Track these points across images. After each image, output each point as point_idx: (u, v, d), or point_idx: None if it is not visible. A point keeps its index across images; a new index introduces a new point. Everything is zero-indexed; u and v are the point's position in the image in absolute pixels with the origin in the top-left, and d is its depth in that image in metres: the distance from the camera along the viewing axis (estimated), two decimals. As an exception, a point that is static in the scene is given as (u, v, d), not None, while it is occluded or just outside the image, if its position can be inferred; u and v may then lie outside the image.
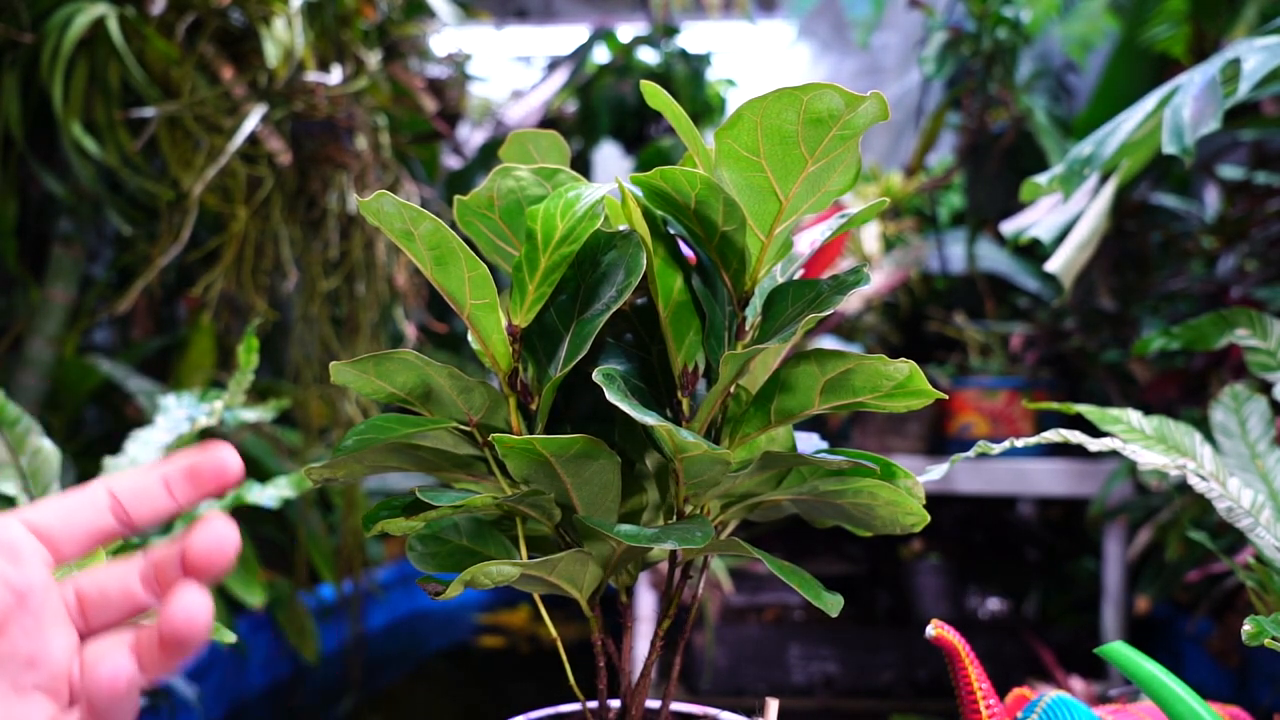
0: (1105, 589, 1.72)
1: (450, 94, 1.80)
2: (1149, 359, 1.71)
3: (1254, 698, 1.53)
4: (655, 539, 0.45)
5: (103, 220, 1.66)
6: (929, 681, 1.86)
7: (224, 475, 0.37)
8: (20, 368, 1.50)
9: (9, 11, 1.33)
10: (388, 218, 0.45)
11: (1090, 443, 0.63)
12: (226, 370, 1.89)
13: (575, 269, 0.50)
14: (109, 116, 1.36)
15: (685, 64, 2.52)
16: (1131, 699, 0.77)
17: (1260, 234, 1.62)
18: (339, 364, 0.47)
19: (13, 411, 0.76)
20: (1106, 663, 0.57)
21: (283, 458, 1.85)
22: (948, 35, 1.88)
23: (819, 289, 0.48)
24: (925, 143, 2.03)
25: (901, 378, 0.46)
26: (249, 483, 0.87)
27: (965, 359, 1.90)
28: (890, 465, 0.52)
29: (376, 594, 2.17)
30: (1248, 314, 0.78)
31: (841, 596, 0.48)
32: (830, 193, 0.48)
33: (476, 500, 0.47)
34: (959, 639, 0.57)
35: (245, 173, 1.42)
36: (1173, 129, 0.81)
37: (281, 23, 1.38)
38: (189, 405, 0.86)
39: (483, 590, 0.70)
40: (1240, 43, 0.85)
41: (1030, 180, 0.97)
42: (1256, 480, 0.71)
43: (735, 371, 0.47)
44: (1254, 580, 0.67)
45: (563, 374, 0.47)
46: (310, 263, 1.53)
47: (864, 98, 0.43)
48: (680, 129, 0.48)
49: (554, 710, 0.56)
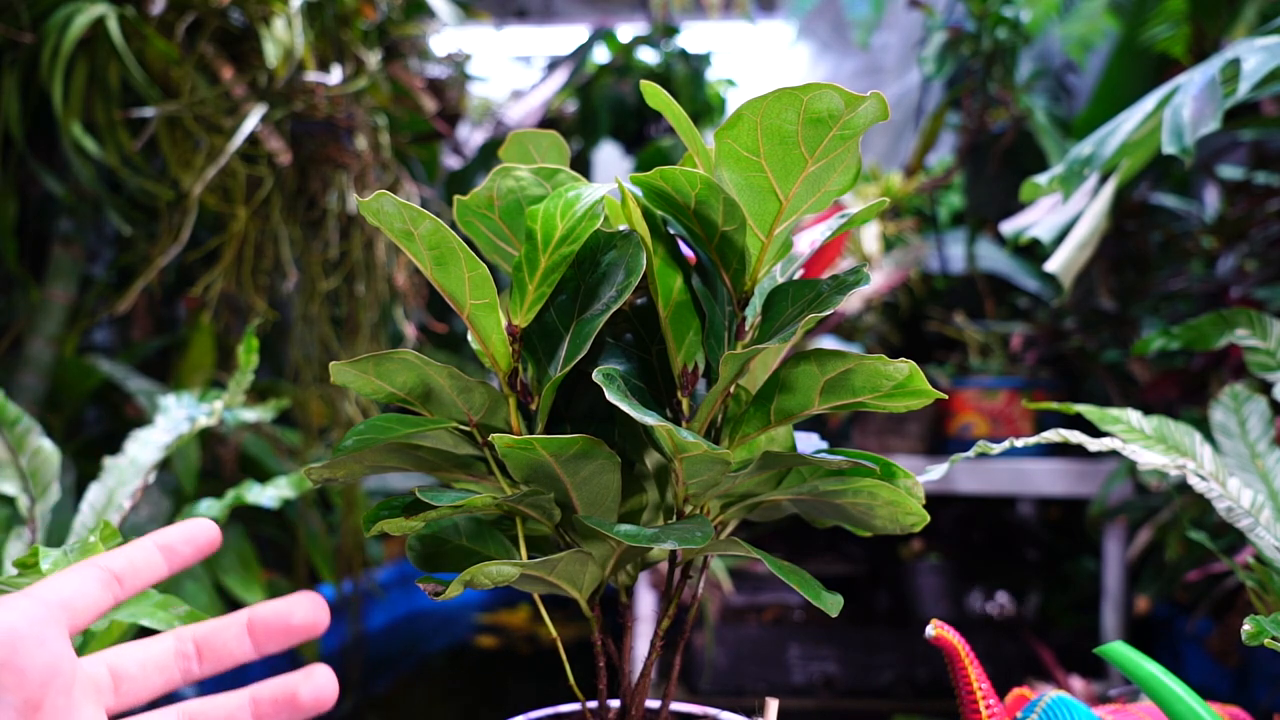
0: (1105, 589, 1.72)
1: (450, 94, 1.80)
2: (1149, 359, 1.71)
3: (1254, 698, 1.53)
4: (655, 539, 0.45)
5: (103, 220, 1.66)
6: (929, 681, 1.86)
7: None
8: (20, 368, 1.50)
9: (9, 11, 1.33)
10: (388, 218, 0.45)
11: (1090, 443, 0.63)
12: (226, 370, 1.89)
13: (575, 269, 0.50)
14: (109, 116, 1.36)
15: (685, 64, 2.52)
16: (1131, 699, 0.77)
17: (1260, 234, 1.62)
18: (339, 364, 0.47)
19: (13, 411, 0.76)
20: (1106, 663, 0.57)
21: (283, 458, 1.85)
22: (948, 35, 1.88)
23: (819, 289, 0.48)
24: (925, 143, 2.03)
25: (901, 378, 0.46)
26: (249, 483, 0.87)
27: (965, 359, 1.90)
28: (890, 465, 0.52)
29: (376, 594, 2.16)
30: (1248, 314, 0.78)
31: (841, 596, 0.47)
32: (830, 193, 0.48)
33: (476, 500, 0.47)
34: (959, 639, 0.57)
35: (245, 173, 1.42)
36: (1173, 129, 0.81)
37: (281, 23, 1.38)
38: (189, 405, 0.86)
39: (482, 590, 0.71)
40: (1240, 43, 0.85)
41: (1030, 180, 0.97)
42: (1256, 480, 0.71)
43: (735, 371, 0.47)
44: (1254, 580, 0.67)
45: (563, 374, 0.47)
46: (310, 263, 1.53)
47: (864, 98, 0.43)
48: (680, 129, 0.48)
49: (554, 710, 0.56)
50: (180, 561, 0.41)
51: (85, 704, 0.35)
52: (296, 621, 0.39)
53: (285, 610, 0.39)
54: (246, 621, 0.40)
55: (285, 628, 0.39)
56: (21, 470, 0.76)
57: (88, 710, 0.35)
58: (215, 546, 0.42)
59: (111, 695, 0.37)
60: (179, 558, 0.41)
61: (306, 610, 0.40)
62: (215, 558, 1.56)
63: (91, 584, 0.37)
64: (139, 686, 0.38)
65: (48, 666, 0.34)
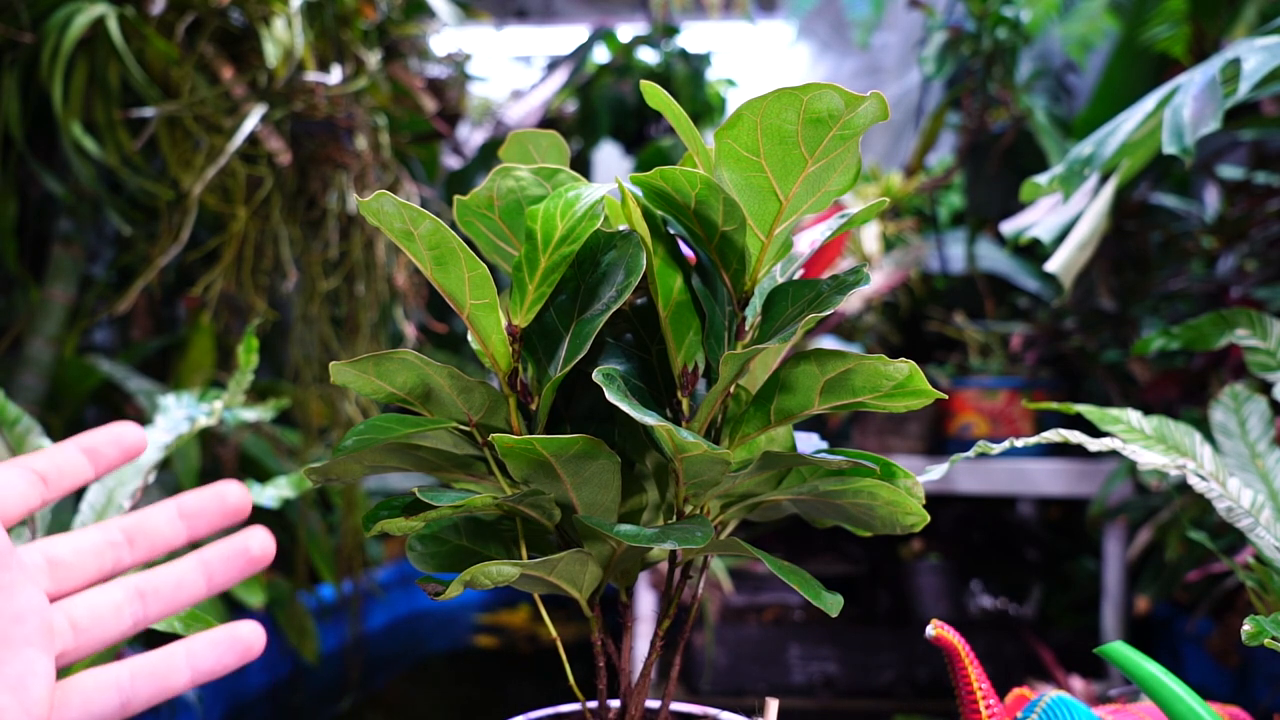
0: (1105, 589, 1.72)
1: (450, 94, 1.80)
2: (1149, 359, 1.71)
3: (1254, 698, 1.53)
4: (655, 539, 0.45)
5: (103, 220, 1.66)
6: (929, 681, 1.86)
7: None
8: (20, 368, 1.50)
9: (9, 11, 1.33)
10: (388, 218, 0.45)
11: (1090, 443, 0.63)
12: (226, 370, 1.88)
13: (575, 269, 0.50)
14: (109, 116, 1.36)
15: (685, 64, 2.52)
16: (1131, 699, 0.77)
17: (1260, 234, 1.62)
18: (339, 364, 0.47)
19: (13, 411, 0.76)
20: (1106, 663, 0.57)
21: (283, 458, 1.85)
22: (948, 35, 1.88)
23: (819, 289, 0.48)
24: (925, 143, 2.03)
25: (901, 378, 0.46)
26: (249, 482, 0.87)
27: (965, 359, 1.90)
28: (890, 465, 0.52)
29: (376, 594, 2.17)
30: (1248, 314, 0.78)
31: (841, 596, 0.47)
32: (830, 193, 0.48)
33: (476, 500, 0.47)
34: (959, 639, 0.57)
35: (245, 173, 1.42)
36: (1173, 129, 0.81)
37: (281, 23, 1.38)
38: (189, 405, 0.86)
39: (482, 590, 0.71)
40: (1240, 43, 0.85)
41: (1030, 180, 0.97)
42: (1256, 480, 0.71)
43: (735, 371, 0.47)
44: (1254, 580, 0.67)
45: (563, 374, 0.47)
46: (310, 263, 1.53)
47: (864, 98, 0.43)
48: (680, 129, 0.48)
49: (553, 710, 0.56)
50: (105, 464, 0.41)
51: (25, 584, 0.35)
52: (231, 502, 0.41)
53: (217, 492, 0.41)
54: (176, 507, 0.40)
55: (220, 509, 0.41)
56: (21, 470, 0.76)
57: (28, 590, 0.36)
58: (141, 448, 0.42)
59: (48, 579, 0.37)
60: (104, 460, 0.41)
61: (238, 493, 0.41)
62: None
63: (18, 481, 0.38)
64: (75, 573, 0.38)
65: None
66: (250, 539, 0.40)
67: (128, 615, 0.38)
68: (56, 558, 0.38)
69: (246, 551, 0.40)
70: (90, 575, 0.38)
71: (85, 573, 0.38)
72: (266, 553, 0.40)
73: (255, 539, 0.40)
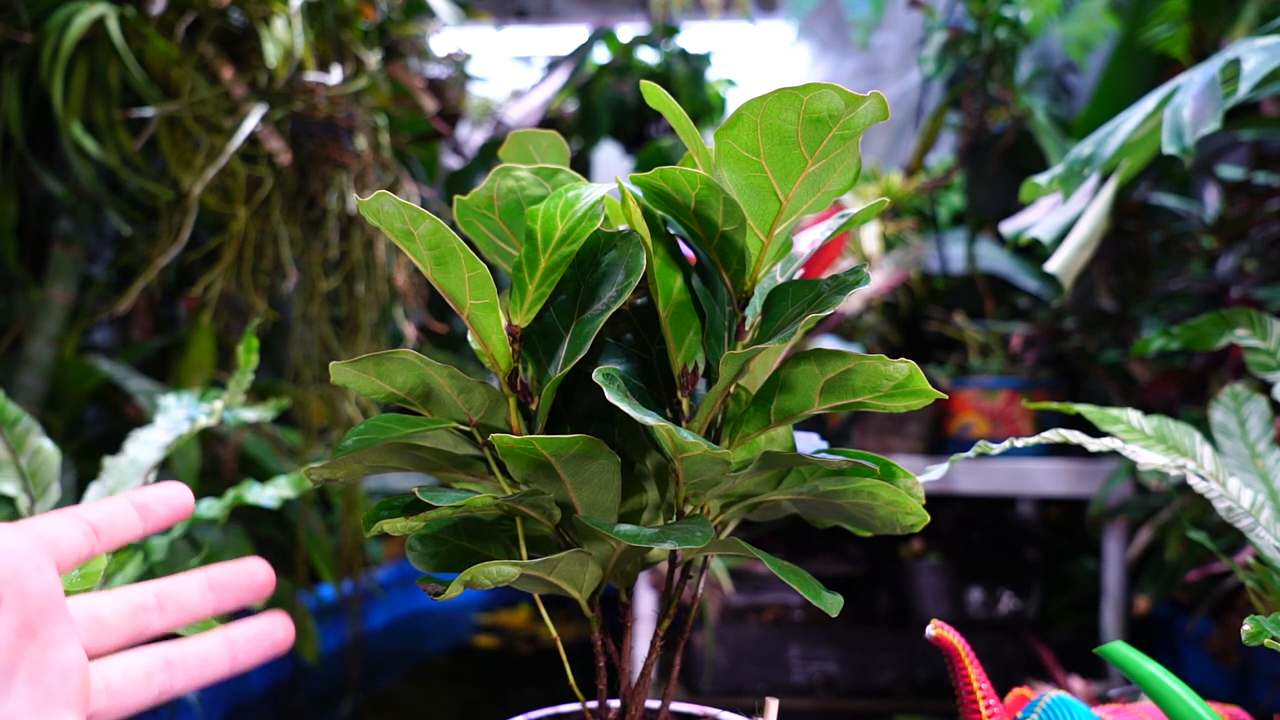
0: (1105, 589, 1.72)
1: (450, 94, 1.80)
2: (1149, 359, 1.71)
3: (1254, 698, 1.53)
4: (655, 539, 0.45)
5: (103, 220, 1.66)
6: (929, 681, 1.86)
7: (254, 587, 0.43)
8: (20, 368, 1.50)
9: (9, 11, 1.33)
10: (388, 218, 0.45)
11: (1090, 443, 0.63)
12: (226, 370, 1.88)
13: (575, 269, 0.50)
14: (109, 116, 1.36)
15: (685, 64, 2.52)
16: (1131, 699, 0.77)
17: (1260, 234, 1.62)
18: (339, 364, 0.47)
19: (13, 411, 0.76)
20: (1106, 663, 0.57)
21: (283, 458, 1.85)
22: (948, 35, 1.88)
23: (819, 289, 0.48)
24: (925, 143, 2.03)
25: (901, 378, 0.46)
26: (249, 482, 0.87)
27: (965, 359, 1.90)
28: (890, 465, 0.52)
29: (376, 594, 2.17)
30: (1248, 314, 0.78)
31: (841, 596, 0.47)
32: (830, 193, 0.48)
33: (476, 500, 0.47)
34: (959, 639, 0.57)
35: (245, 173, 1.42)
36: (1173, 129, 0.81)
37: (281, 23, 1.38)
38: (189, 405, 0.86)
39: (482, 590, 0.71)
40: (1240, 43, 0.85)
41: (1030, 180, 0.97)
42: (1256, 480, 0.71)
43: (735, 371, 0.47)
44: (1254, 580, 0.67)
45: (563, 374, 0.47)
46: (310, 263, 1.53)
47: (864, 98, 0.43)
48: (680, 129, 0.48)
49: (554, 710, 0.56)
50: (155, 522, 0.42)
51: (73, 639, 0.35)
52: (259, 580, 0.42)
53: (247, 569, 0.42)
54: (206, 579, 0.41)
55: (249, 584, 0.42)
56: (21, 470, 0.76)
57: (73, 646, 0.35)
58: (189, 511, 0.43)
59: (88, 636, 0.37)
60: (154, 518, 0.42)
61: (264, 572, 0.43)
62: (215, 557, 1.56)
63: (74, 531, 0.38)
64: (110, 633, 0.38)
65: (46, 593, 0.34)
66: (274, 625, 0.42)
67: (155, 684, 0.38)
68: (97, 615, 0.38)
69: (271, 635, 0.42)
70: (124, 637, 0.38)
71: (120, 634, 0.38)
72: (288, 639, 0.42)
73: (279, 626, 0.42)
